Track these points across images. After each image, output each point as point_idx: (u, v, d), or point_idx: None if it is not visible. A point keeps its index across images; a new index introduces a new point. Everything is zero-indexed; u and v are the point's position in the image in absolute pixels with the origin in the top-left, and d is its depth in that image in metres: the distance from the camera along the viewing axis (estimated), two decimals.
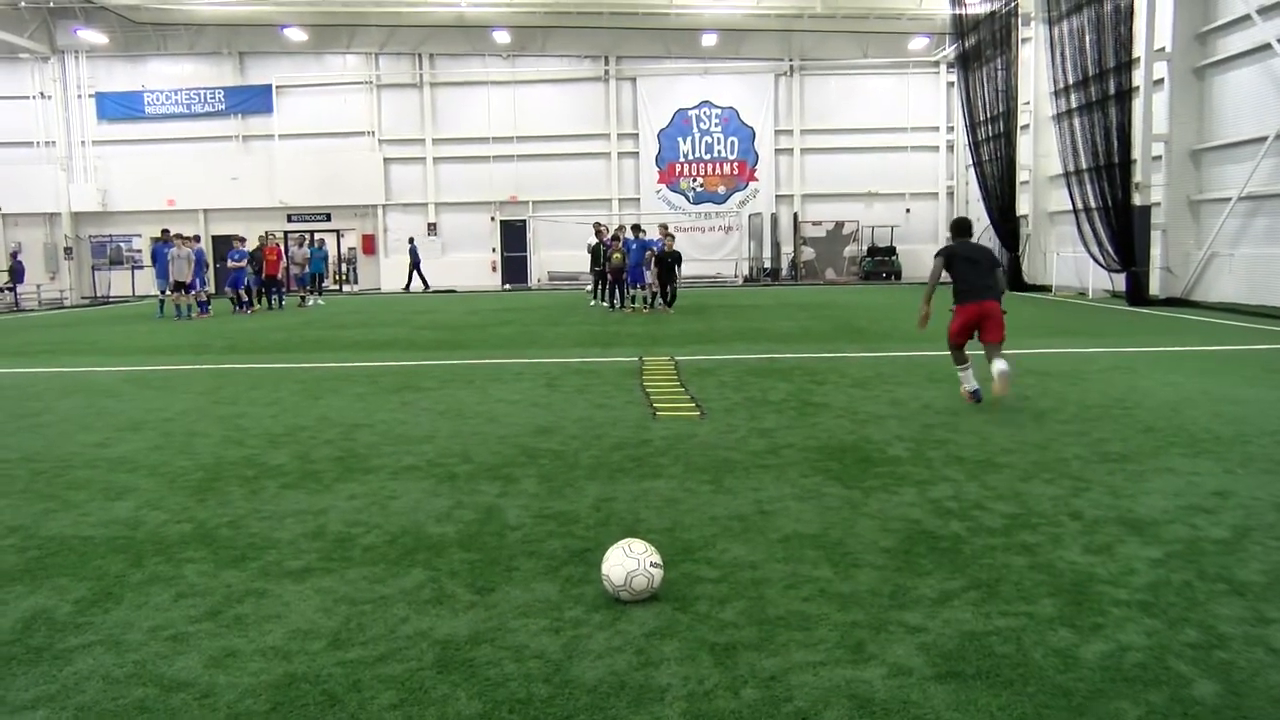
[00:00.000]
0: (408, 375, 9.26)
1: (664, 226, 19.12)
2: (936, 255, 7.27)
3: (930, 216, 30.22)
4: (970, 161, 25.52)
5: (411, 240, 28.89)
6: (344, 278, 30.90)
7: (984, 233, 26.45)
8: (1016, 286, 22.87)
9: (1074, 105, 18.65)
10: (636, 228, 18.89)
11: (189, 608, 3.32)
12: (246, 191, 29.77)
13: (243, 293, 20.47)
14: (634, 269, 18.11)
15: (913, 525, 4.08)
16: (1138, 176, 17.44)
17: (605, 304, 18.85)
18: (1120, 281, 18.29)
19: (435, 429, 6.40)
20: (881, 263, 28.97)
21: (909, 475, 4.92)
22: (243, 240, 21.06)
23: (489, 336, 13.32)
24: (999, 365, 6.79)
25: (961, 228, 7.52)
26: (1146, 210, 17.55)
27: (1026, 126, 23.34)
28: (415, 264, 28.21)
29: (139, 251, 30.01)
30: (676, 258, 17.81)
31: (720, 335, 12.73)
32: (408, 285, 28.35)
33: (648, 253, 18.02)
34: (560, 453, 5.58)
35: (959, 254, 7.13)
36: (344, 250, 31.25)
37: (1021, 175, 23.40)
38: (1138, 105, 17.44)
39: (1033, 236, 23.58)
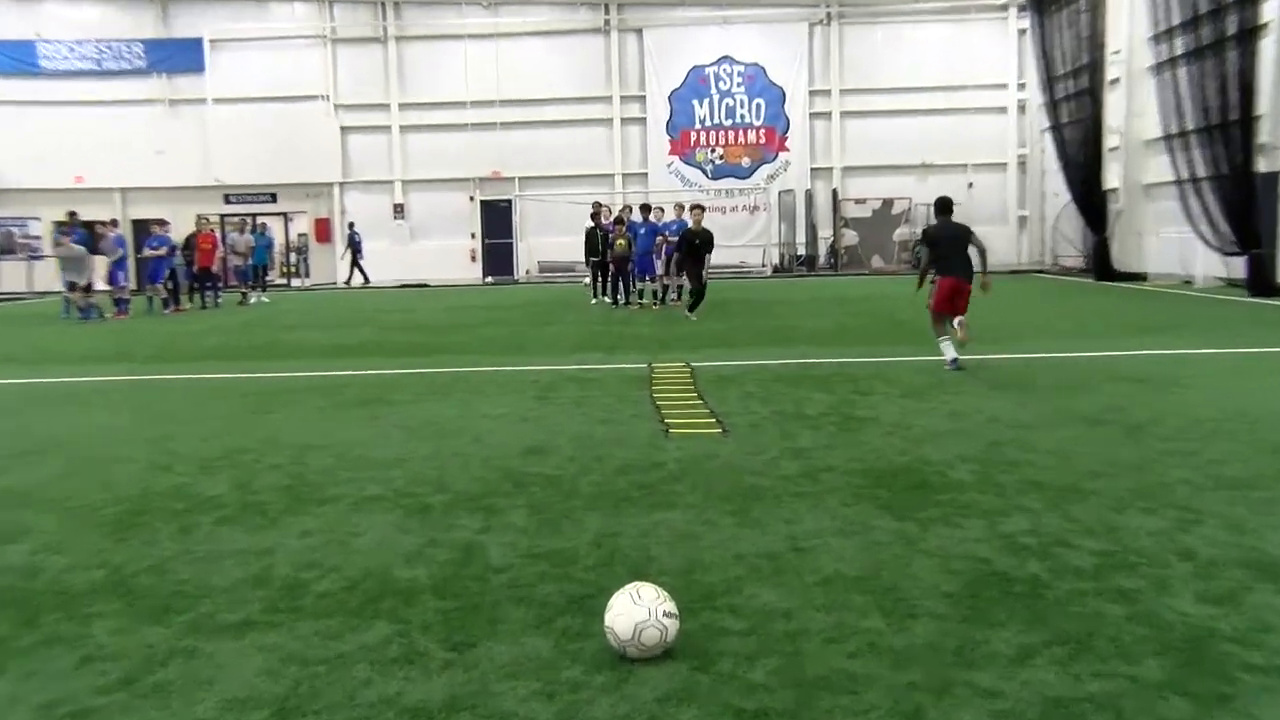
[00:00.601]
0: (373, 386, 9.40)
1: (681, 206, 18.90)
2: (922, 234, 10.41)
3: (997, 191, 30.21)
4: (1046, 125, 25.49)
5: (351, 226, 29.14)
6: (293, 270, 31.01)
7: (1063, 210, 26.39)
8: (1104, 275, 22.80)
9: (1179, 52, 18.48)
10: (646, 208, 18.91)
11: (97, 675, 3.29)
12: (174, 167, 29.96)
13: (163, 287, 20.48)
14: (642, 258, 18.09)
15: (981, 565, 4.09)
16: (1263, 136, 17.16)
17: (607, 300, 18.96)
18: (1238, 266, 18.16)
19: (406, 450, 6.49)
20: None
21: (975, 504, 4.96)
22: (163, 224, 20.99)
23: (469, 339, 13.55)
24: (959, 317, 9.59)
25: (944, 206, 10.08)
26: (1274, 178, 17.26)
27: (1116, 81, 23.30)
28: (355, 254, 28.45)
29: (38, 239, 30.07)
30: (707, 241, 15.46)
31: (745, 336, 12.89)
32: (364, 278, 28.46)
33: (659, 238, 17.94)
34: (555, 478, 5.66)
35: (943, 234, 9.86)
36: (293, 238, 31.37)
37: (1110, 140, 23.37)
38: (1267, 47, 16.87)
39: (1124, 214, 23.52)
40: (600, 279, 19.44)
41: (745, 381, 9.05)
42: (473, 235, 30.59)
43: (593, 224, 19.47)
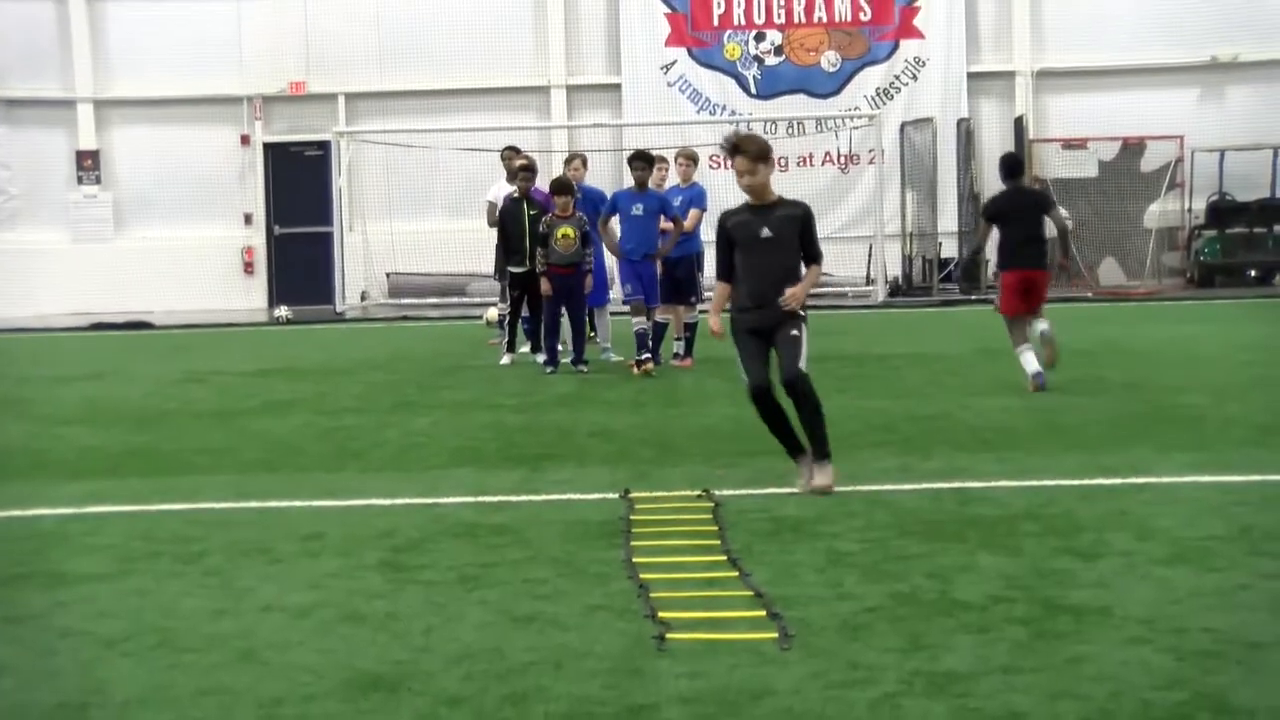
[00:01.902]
0: (21, 543, 8.08)
1: (692, 159, 15.15)
2: (982, 214, 12.01)
3: None
4: None
5: None
6: None
7: None
8: None
9: None
10: (641, 159, 14.98)
11: None
12: None
13: None
14: (630, 267, 14.71)
15: None
16: None
17: (537, 357, 16.06)
18: None
19: (90, 684, 5.38)
20: (1244, 240, 24.16)
21: None
22: None
23: (236, 442, 11.61)
24: (1041, 325, 11.09)
25: (1013, 168, 11.36)
26: None
27: None
28: None
29: None
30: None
31: (834, 433, 10.97)
32: None
33: (664, 233, 14.35)
34: None
35: (1012, 207, 11.26)
36: None
37: None
38: None
39: None
40: (528, 310, 16.16)
41: (832, 529, 7.62)
42: (247, 219, 26.75)
43: (511, 197, 16.11)
